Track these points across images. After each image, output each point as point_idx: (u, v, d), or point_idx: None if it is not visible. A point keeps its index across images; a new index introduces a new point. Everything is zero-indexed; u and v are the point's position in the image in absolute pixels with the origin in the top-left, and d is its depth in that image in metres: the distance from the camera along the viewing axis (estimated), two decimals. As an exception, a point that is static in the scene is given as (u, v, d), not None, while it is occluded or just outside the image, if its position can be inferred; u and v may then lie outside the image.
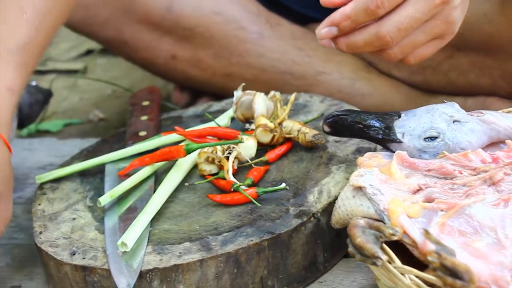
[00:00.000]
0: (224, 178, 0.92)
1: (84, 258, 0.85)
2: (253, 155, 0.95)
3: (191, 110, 1.14)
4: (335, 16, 0.89)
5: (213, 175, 0.95)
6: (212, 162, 0.95)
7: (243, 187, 0.89)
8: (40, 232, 0.91)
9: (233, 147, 0.94)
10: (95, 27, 1.26)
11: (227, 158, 0.94)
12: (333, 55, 1.25)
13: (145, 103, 1.14)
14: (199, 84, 1.30)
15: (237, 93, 1.03)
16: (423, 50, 0.91)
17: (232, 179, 0.91)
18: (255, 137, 0.96)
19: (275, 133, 0.96)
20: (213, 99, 1.29)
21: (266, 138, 0.96)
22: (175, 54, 1.25)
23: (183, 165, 0.96)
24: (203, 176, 0.96)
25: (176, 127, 1.01)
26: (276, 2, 1.31)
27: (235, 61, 1.25)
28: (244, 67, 1.25)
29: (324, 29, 0.90)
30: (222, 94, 1.22)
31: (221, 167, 0.94)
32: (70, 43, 1.83)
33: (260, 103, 1.00)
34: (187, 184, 0.94)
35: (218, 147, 0.94)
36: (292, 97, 0.99)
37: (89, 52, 1.78)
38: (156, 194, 0.91)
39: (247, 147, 0.94)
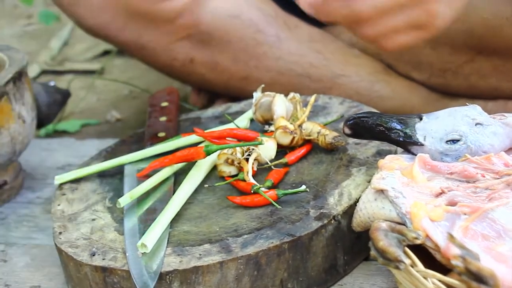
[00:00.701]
0: (244, 180, 0.92)
1: (104, 259, 0.85)
2: (273, 157, 0.95)
3: (210, 111, 1.14)
4: None
5: (232, 176, 0.94)
6: (232, 163, 0.94)
7: (263, 189, 0.89)
8: (60, 233, 0.91)
9: (253, 149, 0.93)
10: (112, 31, 1.26)
11: (247, 159, 0.94)
12: (352, 57, 1.25)
13: (164, 104, 1.14)
14: (216, 87, 1.30)
15: (256, 95, 1.03)
16: (401, 37, 0.90)
17: (252, 180, 0.91)
18: (274, 138, 0.96)
19: (295, 135, 0.96)
20: (229, 101, 1.28)
21: (285, 140, 0.96)
22: (193, 58, 1.25)
23: (203, 166, 0.95)
24: (222, 178, 0.95)
25: (195, 128, 1.01)
26: (294, 3, 1.31)
27: (253, 64, 1.24)
28: (262, 71, 1.24)
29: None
30: (239, 97, 1.22)
31: (240, 169, 0.94)
32: (86, 44, 1.84)
33: (280, 104, 1.00)
34: (207, 185, 0.94)
35: (238, 149, 0.94)
36: (312, 99, 0.99)
37: (105, 52, 1.79)
38: (176, 195, 0.91)
39: (267, 148, 0.94)
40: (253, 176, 0.92)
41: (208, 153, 0.93)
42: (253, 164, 0.93)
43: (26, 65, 1.09)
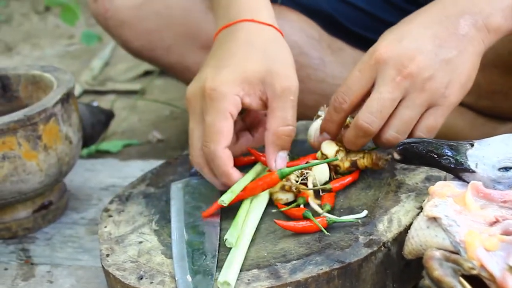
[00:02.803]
0: (303, 205, 0.91)
1: (151, 283, 0.85)
2: (326, 180, 0.94)
3: (255, 134, 1.13)
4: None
5: (289, 203, 0.93)
6: (289, 190, 0.93)
7: (325, 213, 0.88)
8: (107, 255, 0.91)
9: (307, 172, 0.93)
10: (158, 53, 1.26)
11: (302, 184, 0.93)
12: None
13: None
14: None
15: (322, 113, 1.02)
16: (427, 122, 0.91)
17: (316, 208, 0.89)
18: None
19: (341, 148, 0.94)
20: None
21: (331, 150, 0.95)
22: None
23: (263, 194, 0.94)
24: (276, 204, 0.94)
25: (250, 149, 0.99)
26: (337, 25, 1.31)
27: None
28: (305, 93, 1.24)
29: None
30: None
31: (297, 194, 0.93)
32: (127, 64, 1.86)
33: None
34: (274, 210, 0.92)
35: (294, 176, 0.93)
36: None
37: (146, 73, 1.80)
38: (245, 227, 0.89)
39: (321, 171, 0.93)
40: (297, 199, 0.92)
41: (282, 176, 0.91)
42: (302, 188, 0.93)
43: (74, 86, 1.10)
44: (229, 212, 0.94)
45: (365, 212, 0.88)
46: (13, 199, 1.06)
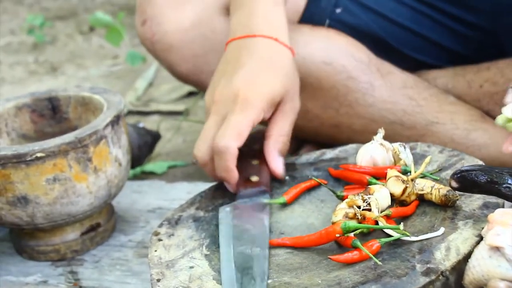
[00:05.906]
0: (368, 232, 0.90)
1: (204, 309, 0.84)
2: (389, 204, 0.92)
3: (304, 158, 1.12)
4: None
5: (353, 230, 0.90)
6: (353, 217, 0.90)
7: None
8: (158, 280, 0.90)
9: (369, 197, 0.90)
10: (204, 77, 1.26)
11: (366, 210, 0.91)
12: (447, 104, 1.22)
13: (255, 146, 1.13)
14: (307, 134, 1.28)
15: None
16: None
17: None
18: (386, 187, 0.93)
19: (407, 185, 0.92)
20: (317, 147, 1.26)
21: (397, 189, 0.92)
22: None
23: None
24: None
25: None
26: (386, 46, 1.29)
27: (344, 111, 1.22)
28: (353, 117, 1.22)
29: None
30: (329, 144, 1.19)
31: (361, 222, 0.90)
32: (171, 85, 1.86)
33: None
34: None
35: (359, 200, 0.91)
36: (427, 159, 0.95)
37: (190, 93, 1.80)
38: None
39: (382, 197, 0.91)
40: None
41: (346, 231, 0.87)
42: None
43: (123, 108, 1.10)
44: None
45: (442, 230, 0.86)
46: (63, 221, 1.06)
